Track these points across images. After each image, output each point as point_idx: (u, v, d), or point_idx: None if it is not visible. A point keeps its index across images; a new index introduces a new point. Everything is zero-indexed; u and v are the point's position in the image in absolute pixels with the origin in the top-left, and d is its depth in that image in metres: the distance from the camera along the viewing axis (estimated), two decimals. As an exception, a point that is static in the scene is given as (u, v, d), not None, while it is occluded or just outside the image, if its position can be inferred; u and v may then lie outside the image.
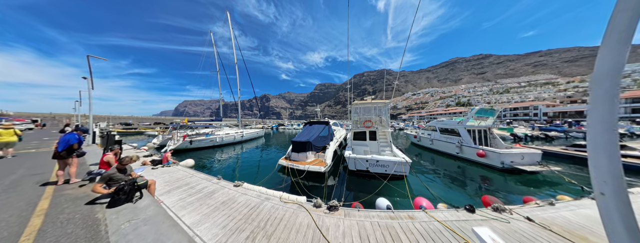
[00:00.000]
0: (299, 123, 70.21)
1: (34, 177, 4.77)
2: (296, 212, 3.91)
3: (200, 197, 4.62)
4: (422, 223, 3.44)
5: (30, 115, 41.28)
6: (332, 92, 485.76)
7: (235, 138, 19.81)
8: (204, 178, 6.01)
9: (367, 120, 9.77)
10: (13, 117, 32.56)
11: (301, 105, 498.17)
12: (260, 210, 3.97)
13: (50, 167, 5.69)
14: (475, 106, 11.63)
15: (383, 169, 7.12)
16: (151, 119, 69.94)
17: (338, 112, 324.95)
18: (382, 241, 2.97)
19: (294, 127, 59.82)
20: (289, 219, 3.65)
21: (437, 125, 13.11)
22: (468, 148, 9.99)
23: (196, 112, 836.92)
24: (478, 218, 3.68)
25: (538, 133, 22.87)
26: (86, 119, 42.29)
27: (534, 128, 27.38)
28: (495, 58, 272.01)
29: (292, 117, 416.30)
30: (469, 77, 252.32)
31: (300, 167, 7.23)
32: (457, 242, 2.98)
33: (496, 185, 7.34)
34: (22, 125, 24.57)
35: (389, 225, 3.37)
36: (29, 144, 10.48)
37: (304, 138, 8.78)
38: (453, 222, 3.52)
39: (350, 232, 3.23)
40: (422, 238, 3.05)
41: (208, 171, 9.08)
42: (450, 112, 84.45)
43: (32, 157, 7.12)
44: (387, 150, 9.56)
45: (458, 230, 3.24)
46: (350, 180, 7.46)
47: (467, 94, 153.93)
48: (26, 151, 8.44)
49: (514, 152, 8.18)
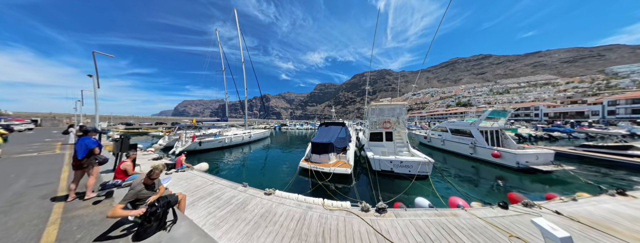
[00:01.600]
0: (301, 123, 70.60)
1: (39, 190, 4.06)
2: (347, 219, 3.77)
3: (232, 210, 4.08)
4: (466, 220, 3.77)
5: (30, 115, 40.52)
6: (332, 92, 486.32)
7: (243, 139, 19.45)
8: (227, 186, 5.48)
9: (386, 121, 10.11)
10: (12, 117, 31.67)
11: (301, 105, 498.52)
12: (308, 222, 3.65)
13: (56, 174, 5.11)
14: (475, 106, 12.06)
15: (407, 169, 7.44)
16: (152, 118, 68.12)
17: (338, 112, 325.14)
18: (441, 237, 3.22)
19: (297, 127, 60.12)
20: (345, 228, 3.48)
21: (448, 126, 13.52)
22: (482, 149, 10.40)
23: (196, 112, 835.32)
24: (513, 214, 4.08)
25: (542, 134, 23.34)
26: (87, 119, 41.26)
27: (537, 128, 27.85)
28: (495, 58, 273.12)
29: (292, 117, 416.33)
30: (469, 77, 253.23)
31: (325, 169, 7.21)
32: (503, 236, 3.35)
33: (513, 183, 7.73)
34: (22, 125, 24.13)
35: (439, 222, 3.64)
36: (30, 147, 9.78)
37: (325, 140, 8.79)
38: (492, 218, 3.89)
39: (408, 231, 3.38)
40: (473, 234, 3.35)
41: (224, 175, 8.50)
42: (451, 112, 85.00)
43: (34, 162, 6.35)
44: (405, 150, 9.92)
45: (500, 226, 3.58)
46: (374, 181, 7.52)
47: (467, 94, 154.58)
48: (28, 154, 7.66)
49: (529, 152, 8.60)
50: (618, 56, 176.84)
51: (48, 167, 5.81)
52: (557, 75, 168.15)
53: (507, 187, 7.37)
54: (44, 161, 6.57)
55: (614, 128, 27.50)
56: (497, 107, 10.97)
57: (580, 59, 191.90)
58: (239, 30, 24.99)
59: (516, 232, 3.43)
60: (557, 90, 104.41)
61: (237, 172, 10.06)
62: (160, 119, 69.89)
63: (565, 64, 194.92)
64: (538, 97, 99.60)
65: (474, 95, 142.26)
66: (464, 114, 72.77)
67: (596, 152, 10.27)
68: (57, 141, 12.05)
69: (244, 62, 25.76)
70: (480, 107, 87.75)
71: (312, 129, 50.93)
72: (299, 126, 61.71)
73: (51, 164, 6.12)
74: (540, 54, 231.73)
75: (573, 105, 51.93)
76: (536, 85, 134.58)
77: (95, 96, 9.79)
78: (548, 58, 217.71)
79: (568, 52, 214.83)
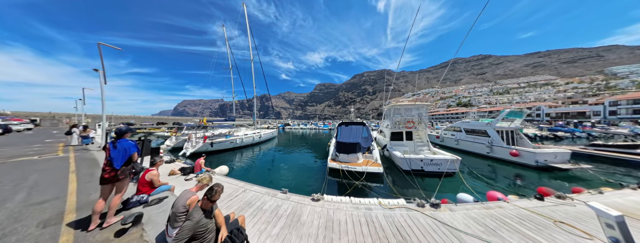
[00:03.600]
0: (305, 123, 71.06)
1: (40, 210, 3.10)
2: (410, 214, 3.92)
3: (286, 224, 3.55)
4: (511, 210, 4.22)
5: (29, 114, 39.09)
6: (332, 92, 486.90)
7: (254, 139, 19.14)
8: (263, 193, 4.97)
9: (410, 120, 10.51)
10: (10, 117, 30.52)
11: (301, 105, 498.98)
12: (377, 223, 3.61)
13: (62, 185, 4.22)
14: (476, 106, 12.55)
15: (436, 167, 7.82)
16: (154, 118, 67.34)
17: (338, 112, 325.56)
18: (498, 226, 3.62)
19: (300, 127, 60.53)
20: (414, 223, 3.60)
21: (462, 126, 14.02)
22: (499, 148, 10.89)
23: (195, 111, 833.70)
24: (550, 205, 4.56)
25: (547, 134, 23.94)
26: (87, 119, 38.56)
27: (542, 128, 28.42)
28: (495, 59, 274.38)
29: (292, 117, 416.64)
30: (469, 77, 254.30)
31: (358, 168, 7.31)
32: (549, 222, 3.78)
33: (533, 180, 8.21)
34: (21, 125, 23.29)
35: (489, 214, 4.06)
36: (30, 148, 8.85)
37: (351, 140, 8.90)
38: (533, 208, 4.35)
39: (468, 222, 3.69)
40: (522, 221, 3.78)
41: (246, 179, 7.54)
42: (452, 113, 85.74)
43: (35, 168, 5.47)
44: (425, 149, 10.37)
45: (543, 214, 4.05)
46: (403, 179, 7.69)
47: (467, 94, 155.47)
48: (28, 158, 6.78)
49: (547, 151, 9.11)
50: (617, 57, 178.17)
51: (51, 175, 4.91)
52: (556, 76, 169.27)
53: (527, 183, 7.85)
54: (46, 166, 5.72)
55: (616, 128, 28.10)
56: (513, 108, 11.44)
57: (580, 59, 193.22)
58: (248, 27, 23.90)
59: (558, 219, 3.91)
60: (557, 91, 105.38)
61: (255, 174, 9.49)
62: (162, 118, 69.06)
63: (564, 64, 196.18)
64: (538, 97, 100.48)
65: (474, 96, 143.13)
66: (465, 114, 73.48)
67: (607, 151, 10.78)
68: (59, 142, 11.32)
69: (252, 59, 25.04)
70: (481, 107, 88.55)
71: (317, 129, 51.30)
72: (302, 126, 62.13)
73: (55, 170, 5.32)
74: (539, 55, 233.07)
75: (574, 106, 52.57)
76: (536, 86, 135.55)
77: (102, 92, 8.67)
78: (547, 58, 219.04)
79: (567, 52, 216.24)
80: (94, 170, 5.42)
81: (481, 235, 3.30)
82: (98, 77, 8.64)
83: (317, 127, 56.75)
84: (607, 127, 30.51)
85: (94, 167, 5.75)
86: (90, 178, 4.73)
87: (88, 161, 6.54)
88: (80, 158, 6.95)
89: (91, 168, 5.64)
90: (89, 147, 9.33)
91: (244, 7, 24.07)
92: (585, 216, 4.05)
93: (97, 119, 45.07)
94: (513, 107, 11.66)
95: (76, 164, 6.06)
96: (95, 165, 6.04)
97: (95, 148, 9.00)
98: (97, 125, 21.36)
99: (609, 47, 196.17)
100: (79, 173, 5.17)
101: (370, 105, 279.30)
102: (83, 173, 5.19)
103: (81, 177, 4.84)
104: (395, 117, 11.35)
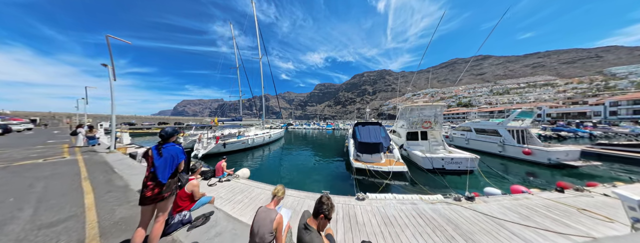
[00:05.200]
0: (308, 123, 71.59)
1: (54, 234, 2.40)
2: (452, 207, 4.29)
3: (348, 228, 3.54)
4: (538, 201, 4.73)
5: (29, 114, 37.69)
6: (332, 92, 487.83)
7: (264, 139, 18.95)
8: (304, 196, 4.85)
9: (427, 121, 11.02)
10: (10, 116, 29.62)
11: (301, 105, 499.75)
12: (429, 216, 3.93)
13: (76, 196, 3.46)
14: (476, 107, 13.06)
15: (457, 166, 8.28)
16: (155, 118, 66.28)
17: (338, 112, 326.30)
18: (531, 213, 4.11)
19: (304, 127, 61.03)
20: (458, 215, 3.97)
21: (472, 126, 14.56)
22: (511, 147, 11.43)
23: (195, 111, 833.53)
24: (570, 196, 5.08)
25: (551, 133, 24.53)
26: (88, 119, 36.62)
27: (546, 128, 28.99)
28: (495, 59, 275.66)
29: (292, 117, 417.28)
30: (469, 77, 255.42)
31: (384, 168, 7.56)
32: (573, 210, 4.30)
33: (545, 177, 8.72)
34: (21, 125, 22.66)
35: (520, 204, 4.56)
36: (32, 150, 8.25)
37: (373, 140, 9.10)
38: (557, 199, 4.85)
39: (504, 211, 4.12)
40: (550, 209, 4.30)
41: (269, 182, 6.74)
42: (453, 113, 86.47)
43: (41, 175, 4.74)
44: (441, 148, 10.89)
45: (567, 203, 4.58)
46: (424, 177, 7.97)
47: (467, 94, 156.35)
48: (31, 161, 6.17)
49: (559, 149, 9.65)
50: (616, 57, 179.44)
51: (61, 183, 4.17)
52: (556, 76, 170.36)
53: (542, 179, 8.38)
54: (53, 172, 5.04)
55: (616, 128, 28.72)
56: (524, 108, 11.99)
57: (579, 60, 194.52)
58: (257, 24, 23.26)
59: (580, 207, 4.44)
60: (557, 91, 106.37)
61: (273, 176, 9.23)
62: (163, 118, 68.28)
63: (563, 65, 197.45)
64: (538, 97, 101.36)
65: (475, 96, 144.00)
66: (466, 114, 74.21)
67: (614, 149, 11.33)
68: (62, 143, 10.74)
69: (261, 58, 24.71)
70: (482, 107, 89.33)
71: (320, 129, 51.82)
72: (305, 126, 62.63)
73: (64, 177, 4.62)
74: (539, 55, 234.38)
75: (575, 106, 53.30)
76: (536, 86, 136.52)
77: (111, 89, 7.98)
78: (547, 59, 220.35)
79: (566, 53, 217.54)
80: (110, 177, 4.72)
81: (519, 221, 3.82)
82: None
83: (320, 127, 57.25)
84: (608, 127, 31.14)
85: (109, 173, 5.08)
86: (109, 187, 3.97)
87: (100, 165, 5.84)
88: (90, 161, 6.34)
89: (106, 174, 4.93)
90: (96, 149, 8.73)
91: (253, 4, 23.92)
92: (603, 205, 4.58)
93: (98, 118, 43.49)
94: (524, 108, 12.20)
95: (87, 169, 5.39)
96: (109, 169, 5.39)
97: (103, 150, 8.38)
98: (99, 125, 20.91)
99: (607, 48, 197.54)
100: (94, 180, 4.42)
101: (370, 106, 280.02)
102: (98, 180, 4.44)
103: (97, 185, 4.10)
104: (412, 117, 11.84)
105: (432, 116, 11.49)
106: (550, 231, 3.51)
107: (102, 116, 48.57)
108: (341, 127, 52.77)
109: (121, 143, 12.30)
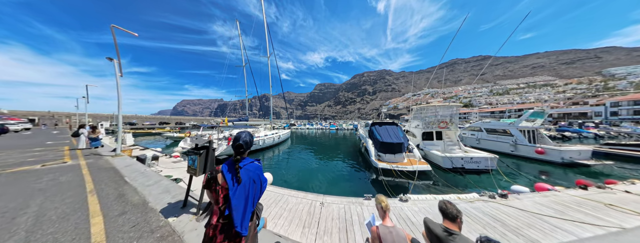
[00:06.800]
0: (311, 123, 71.83)
1: None
2: (490, 205, 4.54)
3: (407, 231, 3.48)
4: (566, 197, 5.03)
5: (27, 113, 36.52)
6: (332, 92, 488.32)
7: (274, 140, 18.59)
8: (345, 202, 4.62)
9: (443, 121, 11.33)
10: (7, 116, 28.47)
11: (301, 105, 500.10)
12: (475, 214, 4.13)
13: (81, 219, 2.69)
14: (477, 107, 13.31)
15: (476, 165, 8.57)
16: (156, 118, 64.68)
17: (338, 112, 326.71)
18: (565, 207, 4.43)
19: (307, 127, 61.24)
20: (497, 212, 4.20)
21: (482, 126, 14.92)
22: (524, 146, 11.79)
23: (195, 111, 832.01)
24: (594, 193, 5.41)
25: (555, 134, 24.96)
26: (89, 119, 34.85)
27: (550, 129, 29.43)
28: (494, 59, 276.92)
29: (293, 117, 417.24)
30: (469, 78, 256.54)
31: (408, 167, 7.68)
32: (600, 205, 4.61)
33: (558, 176, 9.02)
34: (18, 125, 21.80)
35: (552, 201, 4.84)
36: (30, 153, 7.37)
37: (394, 140, 9.14)
38: (583, 195, 5.16)
39: (539, 207, 4.42)
40: (581, 204, 4.61)
41: (293, 187, 6.48)
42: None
43: (37, 186, 3.93)
44: (456, 148, 11.18)
45: (593, 199, 4.90)
46: (444, 176, 8.09)
47: (467, 95, 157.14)
48: (27, 167, 5.37)
49: (572, 149, 10.01)
50: (614, 58, 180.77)
51: (63, 199, 3.34)
52: (555, 77, 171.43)
53: (556, 178, 8.70)
54: (52, 182, 4.19)
55: (618, 128, 29.18)
56: (536, 108, 12.35)
57: (578, 60, 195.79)
58: (264, 18, 22.75)
59: (606, 203, 4.77)
60: (557, 91, 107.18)
61: (293, 180, 8.74)
62: (165, 118, 67.13)
63: (563, 65, 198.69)
64: (538, 98, 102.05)
65: (475, 96, 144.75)
66: (467, 115, 74.74)
67: (623, 149, 11.70)
68: (62, 144, 9.99)
69: (269, 56, 24.40)
70: (483, 107, 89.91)
71: (323, 129, 52.06)
72: (308, 126, 62.81)
73: (66, 189, 3.81)
74: (538, 56, 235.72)
75: (576, 107, 53.80)
76: (535, 86, 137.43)
77: (117, 85, 7.28)
78: (546, 59, 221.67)
79: (565, 53, 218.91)
80: (121, 189, 3.79)
81: (556, 215, 4.15)
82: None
83: (323, 127, 57.47)
84: (609, 127, 31.62)
85: (119, 183, 4.16)
86: (122, 206, 3.08)
87: (106, 172, 4.98)
88: (95, 167, 5.50)
89: (116, 185, 4.02)
90: (100, 151, 7.99)
91: (262, 2, 23.73)
92: (628, 200, 4.91)
93: (98, 118, 43.11)
94: (536, 108, 12.56)
95: (92, 177, 4.54)
96: (119, 178, 4.48)
97: (108, 153, 7.58)
98: (100, 125, 20.06)
99: (606, 49, 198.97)
100: (101, 194, 3.53)
101: (370, 105, 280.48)
102: (107, 195, 3.53)
103: (106, 203, 3.21)
104: (428, 117, 12.15)
105: (448, 116, 11.79)
106: (587, 224, 3.84)
107: (103, 115, 47.47)
108: (344, 127, 53.02)
109: (124, 145, 11.97)
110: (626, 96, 44.86)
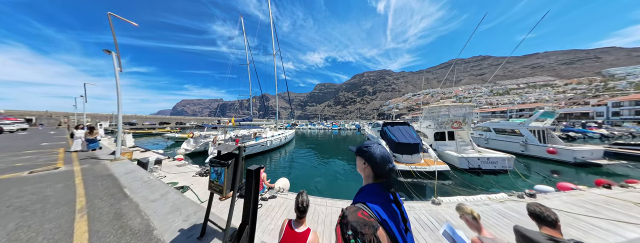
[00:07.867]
0: (312, 123, 71.83)
1: None
2: (522, 205, 4.45)
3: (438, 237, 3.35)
4: (593, 196, 5.03)
5: (24, 113, 35.50)
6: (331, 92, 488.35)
7: (281, 141, 18.06)
8: None
9: (457, 121, 11.32)
10: (3, 116, 27.37)
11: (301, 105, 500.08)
12: (510, 215, 4.14)
13: None
14: (477, 107, 13.26)
15: (492, 165, 8.52)
16: (156, 118, 63.67)
17: (338, 112, 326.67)
18: (596, 208, 4.39)
19: (309, 127, 61.23)
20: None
21: (491, 126, 14.95)
22: (534, 146, 11.81)
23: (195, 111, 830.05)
24: (618, 192, 5.43)
25: (560, 134, 25.04)
26: (87, 119, 33.24)
27: (554, 129, 29.56)
28: (494, 60, 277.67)
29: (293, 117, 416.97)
30: (469, 78, 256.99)
31: (427, 168, 7.58)
32: (629, 204, 4.61)
33: (570, 175, 9.00)
34: (14, 125, 21.26)
35: (580, 200, 4.84)
36: (21, 156, 6.70)
37: (410, 140, 8.98)
38: (610, 194, 5.17)
39: (571, 206, 4.42)
40: (609, 202, 4.63)
41: (310, 192, 5.69)
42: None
43: (19, 203, 3.17)
44: (469, 148, 11.19)
45: (620, 198, 4.91)
46: (461, 176, 8.04)
47: (467, 95, 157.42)
48: (14, 174, 4.67)
49: (584, 149, 10.04)
50: (614, 58, 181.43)
51: (40, 223, 2.57)
52: (555, 77, 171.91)
53: (569, 177, 8.68)
54: (36, 196, 3.45)
55: (626, 128, 29.28)
56: (547, 109, 12.38)
57: (577, 61, 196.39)
58: (270, 14, 22.34)
59: (634, 201, 4.79)
60: (557, 92, 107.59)
61: (310, 185, 8.17)
62: (164, 118, 66.64)
63: (562, 65, 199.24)
64: (539, 98, 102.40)
65: (475, 96, 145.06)
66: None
67: (633, 149, 11.74)
68: (58, 146, 9.38)
69: (274, 54, 23.98)
70: (483, 107, 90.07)
71: (325, 129, 52.05)
72: (310, 126, 62.80)
73: (50, 207, 3.03)
74: (537, 56, 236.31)
75: (578, 107, 53.99)
76: (535, 87, 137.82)
77: (117, 81, 6.74)
78: (546, 60, 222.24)
79: (565, 54, 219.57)
80: (118, 207, 3.07)
81: (589, 214, 4.16)
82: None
83: (325, 127, 57.47)
84: (611, 127, 31.74)
85: (116, 198, 3.42)
86: (118, 237, 2.30)
87: (103, 182, 4.28)
88: (90, 175, 4.81)
89: (113, 201, 3.29)
90: (98, 154, 7.37)
91: (268, 1, 23.52)
92: (652, 197, 4.94)
93: (97, 118, 42.32)
94: (546, 108, 12.59)
95: (86, 189, 3.79)
96: (117, 191, 3.75)
97: (107, 156, 6.93)
98: (98, 125, 19.49)
99: (606, 49, 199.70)
100: (93, 215, 2.77)
101: (370, 105, 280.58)
102: (100, 215, 2.79)
103: (99, 229, 2.45)
104: (441, 117, 12.13)
105: (461, 116, 11.76)
106: (623, 222, 3.85)
107: (101, 115, 46.28)
108: (347, 127, 52.99)
109: (124, 146, 11.45)
110: (628, 96, 45.02)
